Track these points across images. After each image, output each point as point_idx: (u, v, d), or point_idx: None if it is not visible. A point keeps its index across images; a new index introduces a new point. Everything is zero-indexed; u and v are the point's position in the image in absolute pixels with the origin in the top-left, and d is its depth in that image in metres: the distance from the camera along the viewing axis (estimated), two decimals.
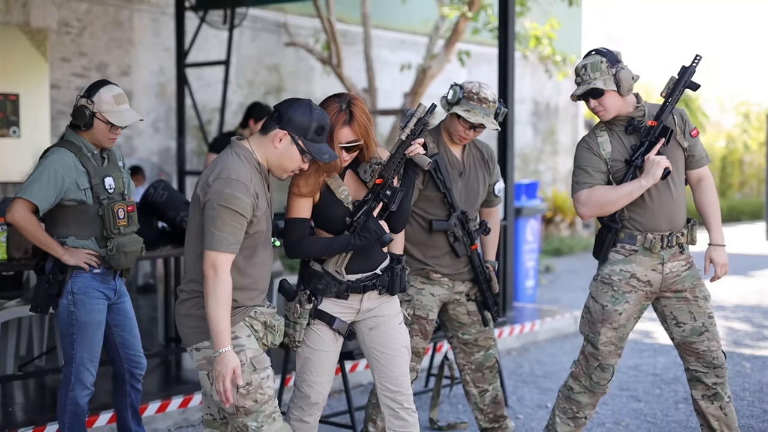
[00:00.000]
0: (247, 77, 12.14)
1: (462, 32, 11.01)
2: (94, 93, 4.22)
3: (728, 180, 24.30)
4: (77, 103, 4.26)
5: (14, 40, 9.51)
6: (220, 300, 3.29)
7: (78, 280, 4.22)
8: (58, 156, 4.18)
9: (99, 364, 4.34)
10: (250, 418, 3.42)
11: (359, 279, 3.81)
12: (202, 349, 3.44)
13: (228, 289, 3.30)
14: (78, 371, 4.25)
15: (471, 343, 4.68)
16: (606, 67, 4.14)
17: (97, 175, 4.24)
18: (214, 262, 3.29)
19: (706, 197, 4.35)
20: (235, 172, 3.36)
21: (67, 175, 4.15)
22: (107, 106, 4.21)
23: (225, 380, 3.29)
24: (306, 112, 3.46)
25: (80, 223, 4.24)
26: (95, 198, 4.22)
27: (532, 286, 9.42)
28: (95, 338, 4.27)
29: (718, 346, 4.27)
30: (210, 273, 3.30)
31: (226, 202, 3.30)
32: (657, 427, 5.34)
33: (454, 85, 4.45)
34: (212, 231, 3.30)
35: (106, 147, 4.31)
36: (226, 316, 3.30)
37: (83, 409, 4.30)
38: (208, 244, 3.31)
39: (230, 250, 3.32)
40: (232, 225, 3.31)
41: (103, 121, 4.21)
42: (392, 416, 3.91)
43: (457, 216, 4.49)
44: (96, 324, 4.27)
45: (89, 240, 4.25)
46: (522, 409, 5.78)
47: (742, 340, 7.87)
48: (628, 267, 4.23)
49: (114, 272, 4.35)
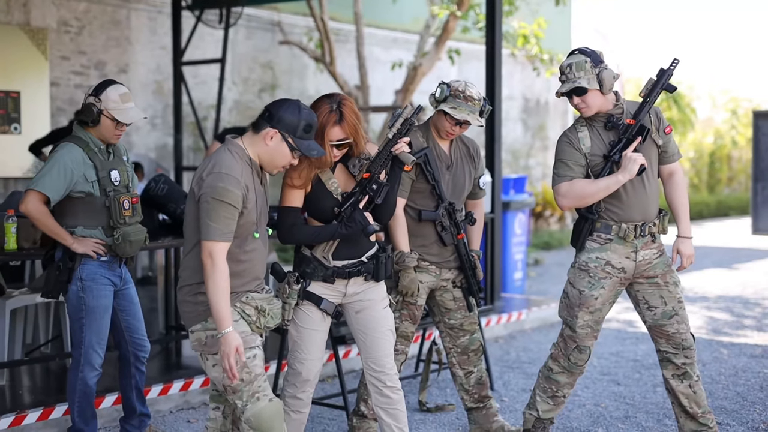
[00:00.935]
0: (242, 75, 12.37)
1: (452, 31, 11.27)
2: (102, 91, 4.49)
3: (717, 175, 24.60)
4: (85, 100, 4.52)
5: (15, 39, 9.76)
6: (219, 285, 3.55)
7: (86, 267, 4.48)
8: (67, 150, 4.44)
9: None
10: (237, 396, 3.67)
11: (345, 265, 4.09)
12: (196, 332, 3.71)
13: (225, 275, 3.56)
14: (87, 353, 4.50)
15: (457, 328, 4.94)
16: (590, 66, 4.40)
17: (104, 168, 4.50)
18: (210, 251, 3.56)
19: (677, 191, 4.61)
20: (226, 166, 3.62)
21: (75, 168, 4.41)
22: (113, 104, 4.47)
23: (230, 358, 3.55)
24: (295, 112, 3.72)
25: (88, 213, 4.49)
26: (102, 190, 4.48)
27: (521, 278, 9.68)
28: (103, 322, 4.53)
29: (687, 329, 4.53)
30: (207, 261, 3.56)
31: (219, 195, 3.56)
32: (635, 409, 5.61)
33: (442, 83, 4.72)
34: (207, 222, 3.57)
35: (111, 142, 4.57)
36: (226, 300, 3.56)
37: (92, 389, 4.55)
38: (204, 235, 3.58)
39: (224, 239, 3.58)
40: (225, 216, 3.58)
41: (109, 118, 4.48)
42: (377, 394, 4.18)
43: (445, 207, 4.75)
44: (103, 309, 4.52)
45: (96, 229, 4.50)
46: (507, 392, 6.05)
47: (721, 329, 8.15)
48: (604, 255, 4.50)
49: (120, 260, 4.61)
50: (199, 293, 3.66)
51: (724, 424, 5.25)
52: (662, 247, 4.58)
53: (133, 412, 4.83)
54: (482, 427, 5.04)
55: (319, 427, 5.25)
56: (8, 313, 5.57)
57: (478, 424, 5.05)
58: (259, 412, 3.66)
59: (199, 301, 3.67)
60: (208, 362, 3.70)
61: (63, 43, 10.30)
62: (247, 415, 3.66)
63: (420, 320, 5.00)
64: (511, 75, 16.54)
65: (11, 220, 5.12)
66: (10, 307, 5.60)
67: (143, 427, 4.86)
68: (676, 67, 4.51)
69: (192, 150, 11.72)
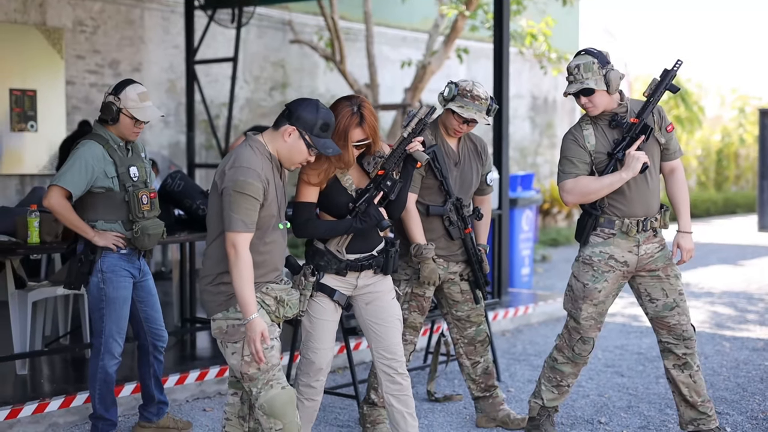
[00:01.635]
0: (253, 73, 12.55)
1: (460, 30, 11.42)
2: (121, 91, 4.68)
3: (724, 173, 24.67)
4: (105, 99, 4.70)
5: (32, 38, 9.95)
6: (243, 274, 3.72)
7: (107, 259, 4.66)
8: (88, 148, 4.63)
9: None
10: (252, 384, 3.85)
11: (357, 258, 4.27)
12: (217, 321, 3.89)
13: (249, 264, 3.73)
14: (107, 342, 4.69)
15: (464, 319, 5.11)
16: (597, 68, 4.55)
17: (123, 164, 4.68)
18: (233, 241, 3.73)
19: (677, 188, 4.77)
20: (247, 161, 3.80)
21: (96, 164, 4.59)
22: (132, 103, 4.66)
23: (255, 342, 3.72)
24: (313, 111, 3.89)
25: (108, 208, 4.67)
26: (122, 185, 4.66)
27: (528, 273, 9.83)
28: (122, 312, 4.71)
29: (687, 320, 4.69)
30: (231, 252, 3.73)
31: (241, 187, 3.74)
32: (637, 399, 5.77)
33: (450, 83, 4.88)
34: (230, 214, 3.74)
35: (130, 140, 4.75)
36: (250, 287, 3.73)
37: (112, 377, 4.73)
38: (227, 226, 3.75)
39: (247, 230, 3.75)
40: (247, 207, 3.75)
41: (128, 116, 4.66)
42: (389, 381, 4.36)
43: (452, 202, 4.92)
44: (123, 299, 4.71)
45: (116, 223, 4.68)
46: (514, 383, 6.22)
47: (724, 323, 8.30)
48: (607, 249, 4.65)
49: (138, 253, 4.80)
50: (221, 283, 3.83)
51: (723, 413, 5.40)
52: (663, 241, 4.73)
53: (151, 400, 5.01)
54: (489, 416, 5.21)
55: (330, 416, 5.42)
56: (30, 305, 5.75)
57: (485, 412, 5.21)
58: (272, 399, 3.83)
59: (221, 290, 3.84)
60: (227, 350, 3.87)
61: (78, 42, 10.49)
62: (260, 401, 3.83)
63: (429, 312, 5.16)
64: (519, 73, 16.69)
65: (34, 215, 5.30)
66: (31, 299, 5.78)
67: (161, 414, 5.04)
68: (679, 68, 4.66)
69: (204, 147, 11.90)
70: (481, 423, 5.22)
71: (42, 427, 5.06)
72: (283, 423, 3.84)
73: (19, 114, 9.89)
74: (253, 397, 3.87)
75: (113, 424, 4.79)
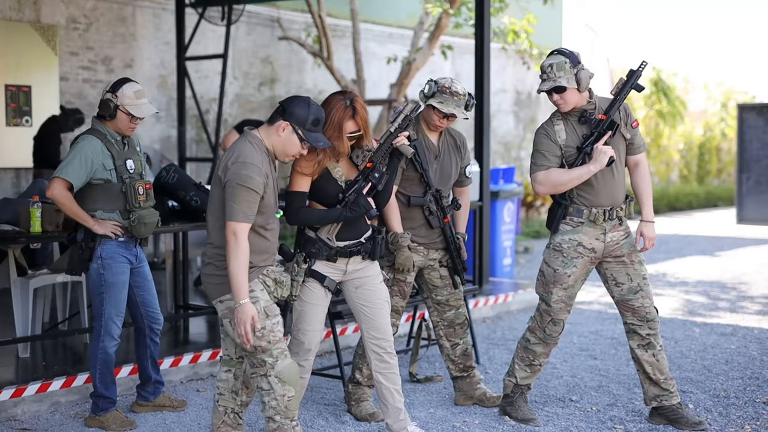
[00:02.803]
0: (242, 69, 12.82)
1: (445, 27, 11.72)
2: (118, 88, 4.98)
3: (706, 167, 25.05)
4: (103, 96, 4.99)
5: (26, 35, 10.22)
6: (240, 261, 4.06)
7: (106, 247, 4.96)
8: (88, 142, 4.93)
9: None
10: (267, 355, 4.20)
11: (346, 245, 4.60)
12: (225, 301, 4.22)
13: (246, 251, 4.08)
14: (107, 324, 4.99)
15: (443, 303, 5.42)
16: (569, 67, 4.88)
17: (120, 158, 4.98)
18: (234, 230, 4.06)
19: (641, 180, 5.11)
20: (249, 156, 4.14)
21: (95, 158, 4.90)
22: (129, 100, 4.96)
23: (246, 325, 4.08)
24: (305, 107, 4.24)
25: (106, 198, 4.97)
26: (119, 177, 4.96)
27: (510, 263, 10.16)
28: (120, 296, 5.02)
29: (650, 303, 5.02)
30: (231, 239, 4.06)
31: (243, 181, 4.08)
32: (608, 379, 6.10)
33: (430, 80, 5.21)
34: (232, 205, 4.08)
35: (126, 135, 5.06)
36: (245, 274, 4.08)
37: (111, 357, 5.04)
38: (228, 216, 4.08)
39: (247, 220, 4.09)
40: (248, 200, 4.09)
41: (124, 112, 4.96)
42: (378, 360, 4.69)
43: (432, 193, 5.23)
44: (121, 284, 5.01)
45: (114, 213, 4.99)
46: (492, 365, 6.54)
47: (696, 310, 8.64)
48: (576, 236, 4.99)
49: (135, 240, 5.10)
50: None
51: (688, 392, 5.74)
52: (628, 229, 5.06)
53: (148, 380, 5.32)
54: (466, 394, 5.53)
55: (318, 395, 5.73)
56: (31, 292, 6.05)
57: (463, 391, 5.54)
58: (287, 368, 4.22)
59: None
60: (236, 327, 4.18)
61: (72, 39, 10.75)
62: (278, 369, 4.20)
63: (411, 298, 5.48)
64: (504, 69, 17.02)
65: (36, 206, 5.59)
66: (33, 286, 6.08)
67: (158, 393, 5.35)
68: (644, 69, 4.99)
69: (195, 142, 12.17)
70: (459, 401, 5.54)
71: (45, 405, 5.36)
72: (295, 390, 4.22)
73: (14, 109, 10.17)
74: (267, 366, 4.19)
75: (112, 401, 5.08)
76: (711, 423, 5.12)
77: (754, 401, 5.54)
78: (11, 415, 5.24)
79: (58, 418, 5.27)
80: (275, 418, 4.23)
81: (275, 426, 4.24)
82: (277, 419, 4.23)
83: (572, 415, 5.31)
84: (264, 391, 4.24)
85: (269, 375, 4.21)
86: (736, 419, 5.20)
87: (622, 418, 5.23)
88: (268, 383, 4.22)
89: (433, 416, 5.30)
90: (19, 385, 5.31)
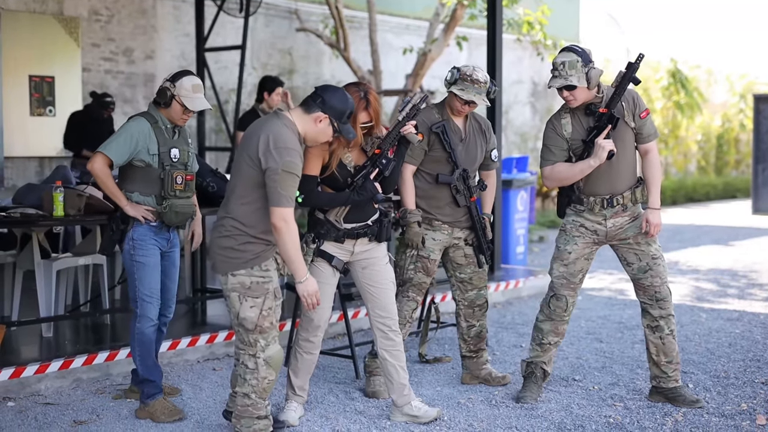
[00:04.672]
0: (261, 60, 13.02)
1: (460, 18, 11.86)
2: (178, 79, 5.05)
3: (724, 158, 25.05)
4: (162, 84, 5.08)
5: (50, 27, 10.46)
6: (295, 243, 4.27)
7: (137, 229, 5.03)
8: (137, 123, 5.02)
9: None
10: (262, 336, 4.38)
11: (354, 227, 4.79)
12: (239, 275, 4.35)
13: (296, 233, 4.27)
14: (142, 305, 5.05)
15: (466, 282, 5.61)
16: (581, 66, 5.03)
17: (165, 145, 5.05)
18: (284, 216, 4.22)
19: (650, 167, 5.26)
20: (291, 141, 4.28)
21: (141, 139, 4.96)
22: (185, 92, 5.02)
23: (312, 297, 4.33)
24: (343, 101, 4.43)
25: (145, 182, 5.03)
26: (160, 163, 5.03)
27: (523, 251, 10.32)
28: (153, 278, 5.06)
29: (661, 282, 5.17)
30: (282, 225, 4.22)
31: (288, 167, 4.23)
32: (612, 361, 6.26)
33: (453, 68, 5.41)
34: (279, 192, 4.22)
35: (178, 124, 5.13)
36: (300, 253, 4.29)
37: (150, 339, 5.08)
38: (276, 202, 4.22)
39: (291, 205, 4.26)
40: (292, 185, 4.26)
41: (179, 103, 5.03)
42: (383, 338, 4.88)
43: (460, 172, 5.42)
44: (153, 265, 5.07)
45: (150, 197, 5.04)
46: (500, 348, 6.72)
47: (705, 297, 8.78)
48: (579, 219, 5.20)
49: (168, 226, 5.15)
50: (248, 243, 4.33)
51: (689, 373, 5.89)
52: (635, 214, 5.20)
53: None
54: (472, 373, 5.71)
55: (329, 374, 5.93)
56: (54, 274, 6.28)
57: (469, 370, 5.72)
58: (277, 353, 4.40)
59: (248, 249, 4.34)
60: (246, 303, 4.36)
61: (94, 31, 10.98)
62: (268, 353, 4.37)
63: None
64: (520, 60, 17.13)
65: (59, 190, 5.81)
66: (56, 268, 6.31)
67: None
68: (641, 62, 5.15)
69: (214, 131, 12.38)
70: (466, 380, 5.73)
71: (67, 381, 5.59)
72: (275, 376, 4.42)
73: (38, 99, 10.42)
74: (258, 348, 4.37)
75: (157, 387, 5.04)
76: (709, 401, 5.28)
77: (753, 381, 5.69)
78: (35, 390, 5.47)
79: (80, 394, 5.50)
80: (251, 395, 4.41)
81: (249, 402, 4.42)
82: (253, 397, 4.42)
83: (574, 393, 5.48)
84: (248, 370, 4.40)
85: (258, 356, 4.38)
86: (734, 398, 5.35)
87: (622, 396, 5.40)
88: (254, 363, 4.39)
89: (440, 393, 5.49)
90: (43, 362, 5.53)
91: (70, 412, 5.14)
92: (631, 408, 5.18)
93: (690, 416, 5.02)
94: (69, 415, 5.11)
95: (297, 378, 4.93)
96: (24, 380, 5.43)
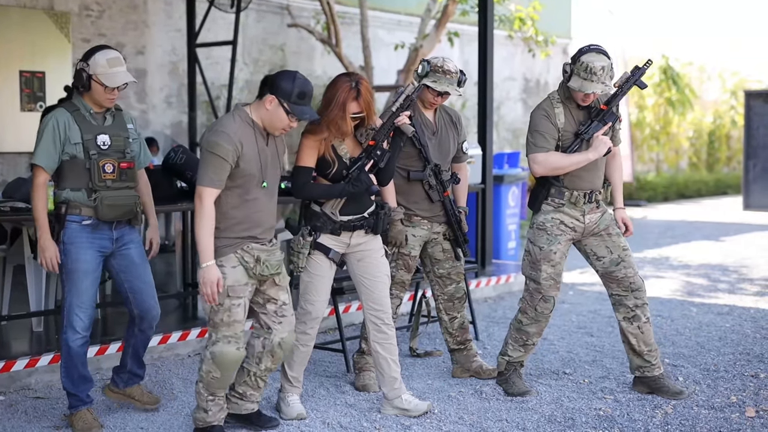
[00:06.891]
0: (252, 56, 13.02)
1: (451, 14, 11.87)
2: (90, 57, 4.58)
3: (716, 155, 25.10)
4: (77, 66, 4.63)
5: (40, 23, 10.44)
6: (205, 223, 4.22)
7: (68, 231, 4.58)
8: (53, 117, 4.55)
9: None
10: (214, 330, 4.37)
11: (350, 220, 4.79)
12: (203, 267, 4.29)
13: (211, 215, 4.22)
14: (69, 316, 4.59)
15: (445, 277, 5.61)
16: (612, 72, 5.02)
17: (90, 132, 4.58)
18: (200, 193, 4.23)
19: (615, 170, 5.35)
20: (223, 125, 4.29)
21: (62, 132, 4.54)
22: (101, 69, 4.53)
23: (211, 285, 4.22)
24: (290, 81, 4.35)
25: (73, 176, 4.58)
26: (85, 153, 4.56)
27: (514, 246, 10.32)
28: (83, 286, 4.58)
29: (634, 273, 5.20)
30: (197, 202, 4.23)
31: (211, 147, 4.24)
32: (602, 355, 6.27)
33: (423, 61, 5.40)
34: (200, 170, 4.24)
35: (106, 106, 4.65)
36: (210, 236, 4.22)
37: (76, 351, 4.63)
38: (197, 180, 4.24)
39: (212, 185, 4.22)
40: (215, 165, 4.22)
41: (98, 83, 4.54)
42: (376, 330, 4.89)
43: (431, 168, 5.42)
44: (82, 272, 4.57)
45: (80, 192, 4.58)
46: (490, 342, 6.73)
47: (695, 291, 8.80)
48: (557, 216, 5.19)
49: (111, 223, 4.65)
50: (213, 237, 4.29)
51: (679, 366, 5.91)
52: (605, 210, 5.28)
53: (123, 368, 4.97)
54: (463, 367, 5.72)
55: (320, 368, 5.94)
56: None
57: (460, 363, 5.73)
58: (226, 353, 4.34)
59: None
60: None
61: (84, 26, 10.96)
62: (212, 348, 4.34)
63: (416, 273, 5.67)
64: (512, 56, 17.15)
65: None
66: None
67: (130, 383, 4.98)
68: (649, 68, 5.19)
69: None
70: (456, 373, 5.73)
71: (57, 375, 5.55)
72: (222, 375, 4.38)
73: (28, 95, 10.40)
74: (210, 340, 4.35)
75: (81, 400, 4.69)
76: (699, 394, 5.29)
77: (743, 374, 5.71)
78: (25, 384, 5.47)
79: None
80: (198, 384, 4.45)
81: (196, 390, 4.48)
82: (200, 386, 4.44)
83: (565, 386, 5.50)
84: (203, 358, 4.42)
85: (207, 348, 4.38)
86: (724, 390, 5.37)
87: (612, 389, 5.41)
88: (204, 354, 4.40)
89: (431, 387, 5.50)
90: (33, 356, 5.52)
91: (60, 406, 5.12)
92: (621, 401, 5.19)
93: (680, 409, 5.03)
94: (59, 409, 5.09)
95: (291, 370, 4.93)
96: (14, 374, 5.42)
